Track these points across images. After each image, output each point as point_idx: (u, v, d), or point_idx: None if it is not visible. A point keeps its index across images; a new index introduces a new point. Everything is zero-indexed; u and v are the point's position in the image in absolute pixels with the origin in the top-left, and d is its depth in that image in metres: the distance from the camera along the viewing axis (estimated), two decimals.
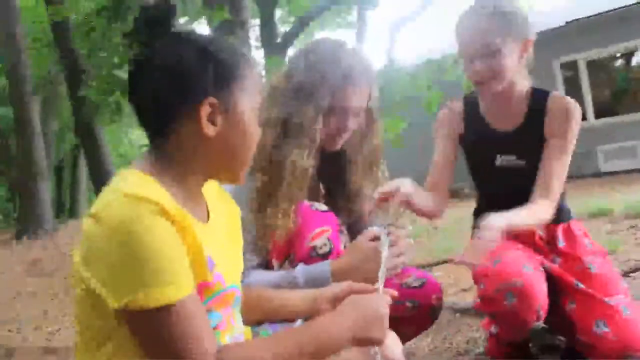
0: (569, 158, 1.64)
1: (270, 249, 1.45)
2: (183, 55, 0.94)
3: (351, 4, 8.25)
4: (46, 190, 9.64)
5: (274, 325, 1.24)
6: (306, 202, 1.48)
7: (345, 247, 1.50)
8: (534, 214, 1.56)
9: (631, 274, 2.67)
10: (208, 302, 0.95)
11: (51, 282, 5.70)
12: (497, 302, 1.46)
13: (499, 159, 1.69)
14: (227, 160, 1.00)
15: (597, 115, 9.69)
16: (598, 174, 8.96)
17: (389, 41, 7.61)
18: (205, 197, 1.08)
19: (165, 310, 0.83)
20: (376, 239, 1.36)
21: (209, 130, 0.95)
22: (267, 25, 9.51)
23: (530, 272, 1.47)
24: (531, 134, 1.66)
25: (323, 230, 1.43)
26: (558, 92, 1.70)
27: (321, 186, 1.62)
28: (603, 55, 10.16)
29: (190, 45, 0.96)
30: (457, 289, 3.01)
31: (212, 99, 0.94)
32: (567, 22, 9.54)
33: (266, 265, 1.46)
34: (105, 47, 5.69)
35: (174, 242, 0.86)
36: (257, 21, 10.10)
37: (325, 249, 1.42)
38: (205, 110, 0.94)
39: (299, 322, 1.23)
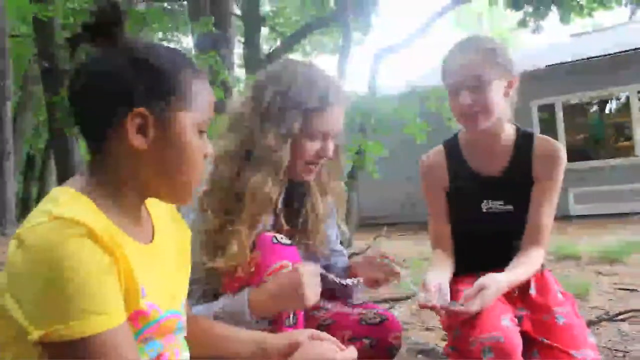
0: (557, 200, 1.64)
1: (224, 281, 1.38)
2: (112, 64, 0.89)
3: (340, 28, 8.29)
4: (12, 190, 9.31)
5: None
6: (268, 234, 1.40)
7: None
8: (529, 267, 1.53)
9: (597, 325, 2.64)
10: (145, 331, 0.90)
11: None
12: (472, 355, 1.36)
13: (485, 204, 1.65)
14: (163, 176, 0.94)
15: (571, 159, 9.82)
16: (568, 217, 9.05)
17: (372, 69, 7.63)
18: (154, 217, 1.03)
19: (90, 341, 0.77)
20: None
21: (138, 142, 0.89)
22: (251, 44, 9.55)
23: (509, 326, 1.39)
24: (518, 177, 1.63)
25: (282, 266, 1.34)
26: (542, 135, 1.68)
27: (282, 219, 1.54)
28: (580, 100, 10.35)
29: (125, 54, 0.90)
30: (422, 327, 2.93)
31: (141, 110, 0.88)
32: (547, 66, 9.75)
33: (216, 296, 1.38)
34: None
35: (104, 268, 0.80)
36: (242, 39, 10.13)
37: None
38: (133, 121, 0.88)
39: None
